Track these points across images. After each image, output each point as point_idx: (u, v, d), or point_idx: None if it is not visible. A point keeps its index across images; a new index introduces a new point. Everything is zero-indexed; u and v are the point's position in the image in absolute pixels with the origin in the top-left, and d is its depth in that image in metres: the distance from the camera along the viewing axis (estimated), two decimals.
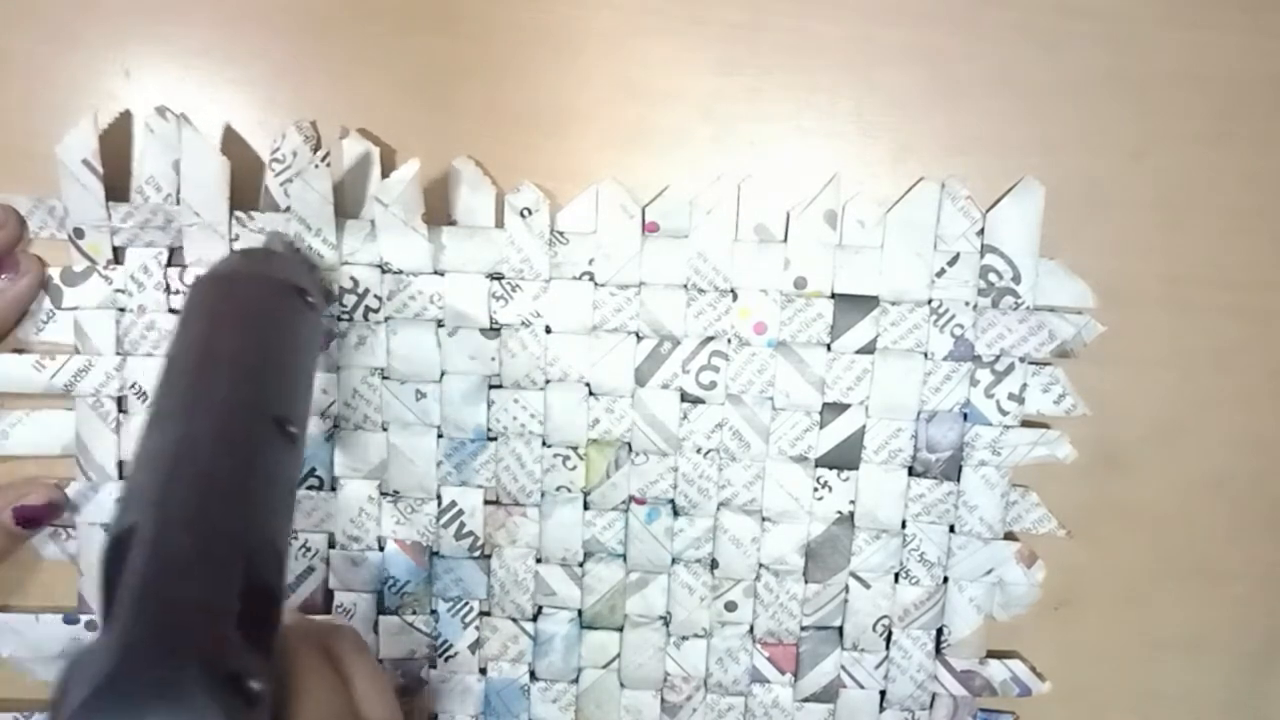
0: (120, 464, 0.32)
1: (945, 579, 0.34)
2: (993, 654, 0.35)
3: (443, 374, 0.32)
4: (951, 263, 0.32)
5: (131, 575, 0.18)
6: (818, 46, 0.32)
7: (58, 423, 0.32)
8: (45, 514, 0.31)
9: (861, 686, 0.35)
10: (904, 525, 0.34)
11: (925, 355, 0.33)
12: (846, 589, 0.34)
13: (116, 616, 0.18)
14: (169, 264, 0.31)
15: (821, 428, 0.33)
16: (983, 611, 0.34)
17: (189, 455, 0.21)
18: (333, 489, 0.33)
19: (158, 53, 0.32)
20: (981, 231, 0.32)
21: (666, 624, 0.34)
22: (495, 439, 0.33)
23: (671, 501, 0.33)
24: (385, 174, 0.31)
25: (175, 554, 0.19)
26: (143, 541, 0.18)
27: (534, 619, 0.34)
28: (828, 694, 0.35)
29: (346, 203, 0.32)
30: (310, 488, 0.33)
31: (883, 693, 0.35)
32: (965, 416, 0.33)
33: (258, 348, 0.24)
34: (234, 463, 0.21)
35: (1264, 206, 0.34)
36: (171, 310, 0.32)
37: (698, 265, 0.32)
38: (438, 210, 0.32)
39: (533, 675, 0.34)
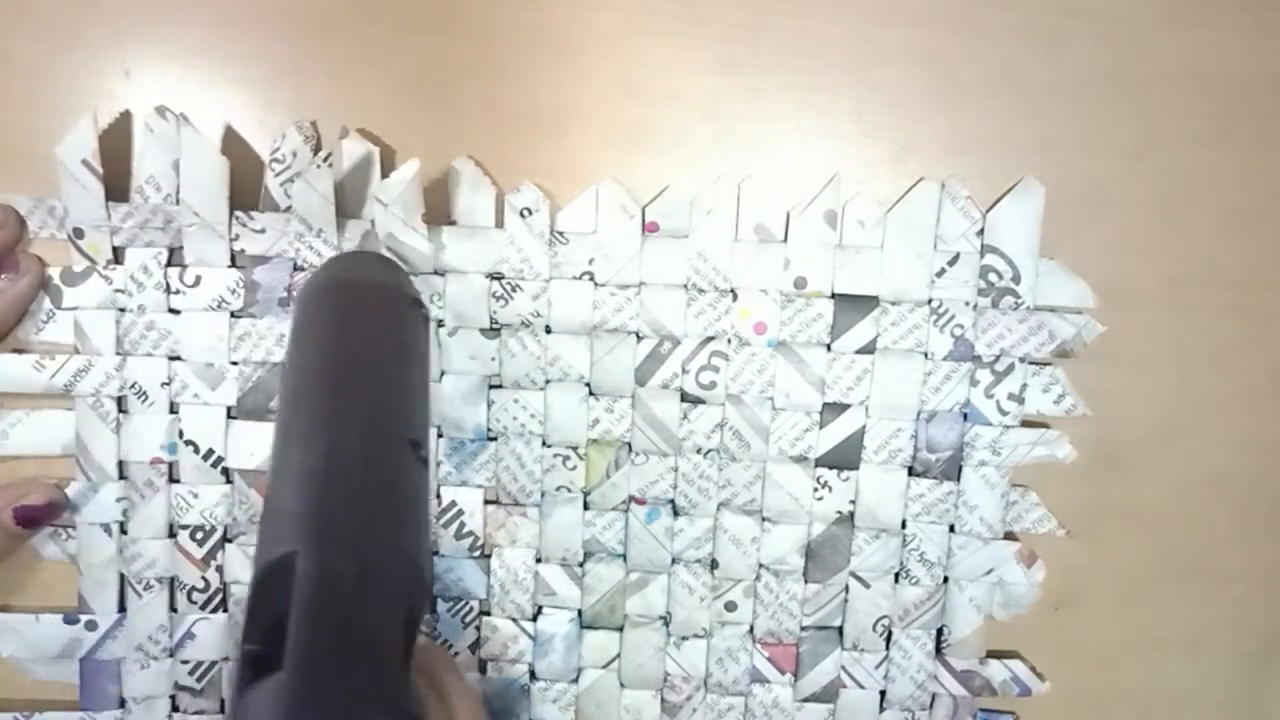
0: (120, 464, 0.32)
1: (945, 579, 0.34)
2: (993, 654, 0.35)
3: (443, 374, 0.32)
4: (951, 263, 0.32)
5: (302, 609, 0.17)
6: (818, 46, 0.32)
7: (58, 423, 0.32)
8: (45, 514, 0.31)
9: (861, 686, 0.35)
10: (904, 525, 0.34)
11: (925, 355, 0.33)
12: (846, 589, 0.34)
13: (292, 653, 0.17)
14: (169, 264, 0.31)
15: (821, 428, 0.33)
16: (983, 611, 0.34)
17: (340, 477, 0.20)
18: None
19: (158, 53, 0.31)
20: (981, 231, 0.32)
21: (666, 624, 0.34)
22: (495, 439, 0.33)
23: (671, 501, 0.33)
24: (385, 174, 0.31)
25: (343, 587, 0.18)
26: (308, 573, 0.18)
27: (534, 619, 0.34)
28: (828, 694, 0.35)
29: (347, 203, 0.32)
30: None
31: (883, 693, 0.35)
32: (965, 416, 0.33)
33: (392, 364, 0.23)
34: (384, 486, 0.20)
35: (1264, 206, 0.34)
36: (172, 310, 0.32)
37: (698, 265, 0.32)
38: (438, 210, 0.32)
39: (533, 675, 0.34)
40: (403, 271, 0.26)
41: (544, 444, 0.33)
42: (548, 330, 0.32)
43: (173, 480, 0.32)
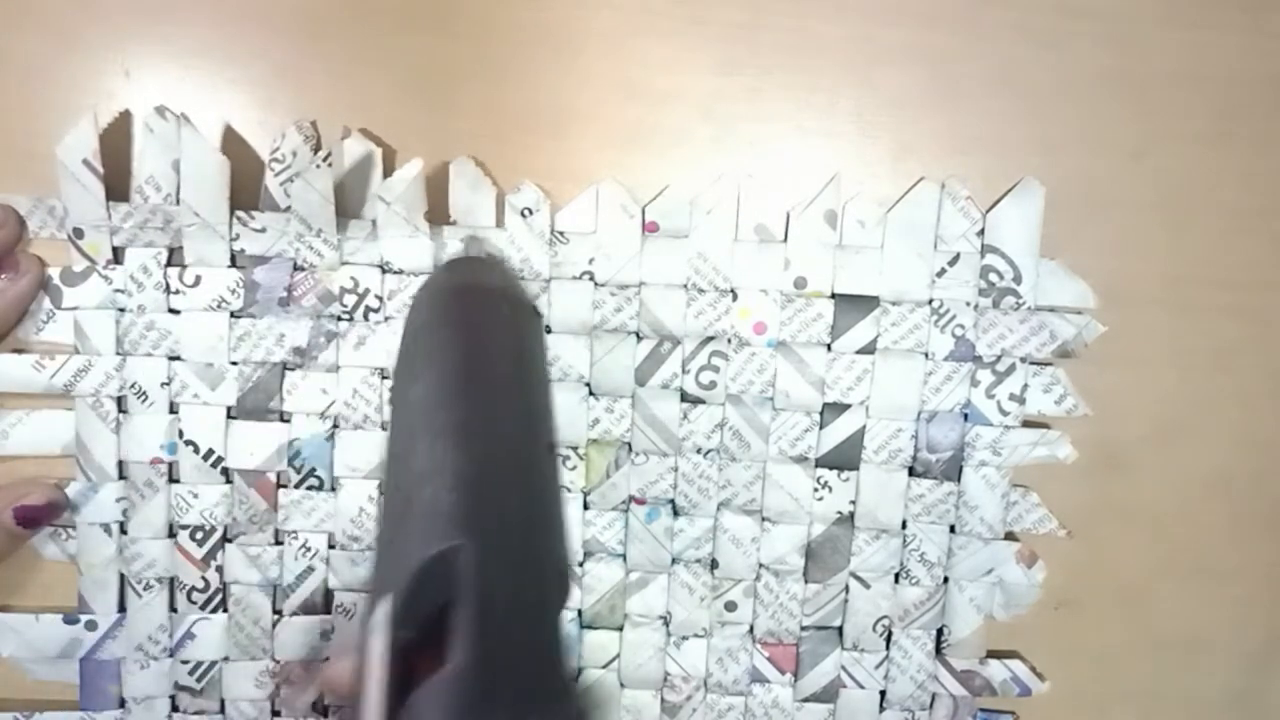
0: (120, 464, 0.32)
1: (945, 579, 0.34)
2: (993, 654, 0.35)
3: None
4: (952, 263, 0.32)
5: (474, 605, 0.17)
6: (818, 46, 0.32)
7: (57, 423, 0.32)
8: (45, 514, 0.31)
9: (861, 686, 0.35)
10: (904, 525, 0.34)
11: (926, 355, 0.33)
12: (846, 589, 0.34)
13: (467, 649, 0.17)
14: (169, 264, 0.31)
15: (821, 428, 0.33)
16: (983, 611, 0.34)
17: (500, 479, 0.20)
18: (333, 489, 0.33)
19: (158, 53, 0.31)
20: (982, 232, 0.32)
21: (666, 624, 0.34)
22: None
23: (671, 501, 0.33)
24: (386, 174, 0.31)
25: (512, 584, 0.18)
26: (479, 569, 0.18)
27: None
28: (828, 694, 0.35)
29: (347, 203, 0.32)
30: (310, 488, 0.33)
31: (883, 693, 0.35)
32: (966, 417, 0.33)
33: (528, 369, 0.23)
34: (537, 488, 0.21)
35: (1264, 206, 0.34)
36: (172, 310, 0.32)
37: (698, 265, 0.32)
38: (438, 210, 0.32)
39: None
40: (520, 278, 0.26)
41: None
42: (548, 330, 0.32)
43: (173, 480, 0.32)
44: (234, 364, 0.32)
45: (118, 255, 0.31)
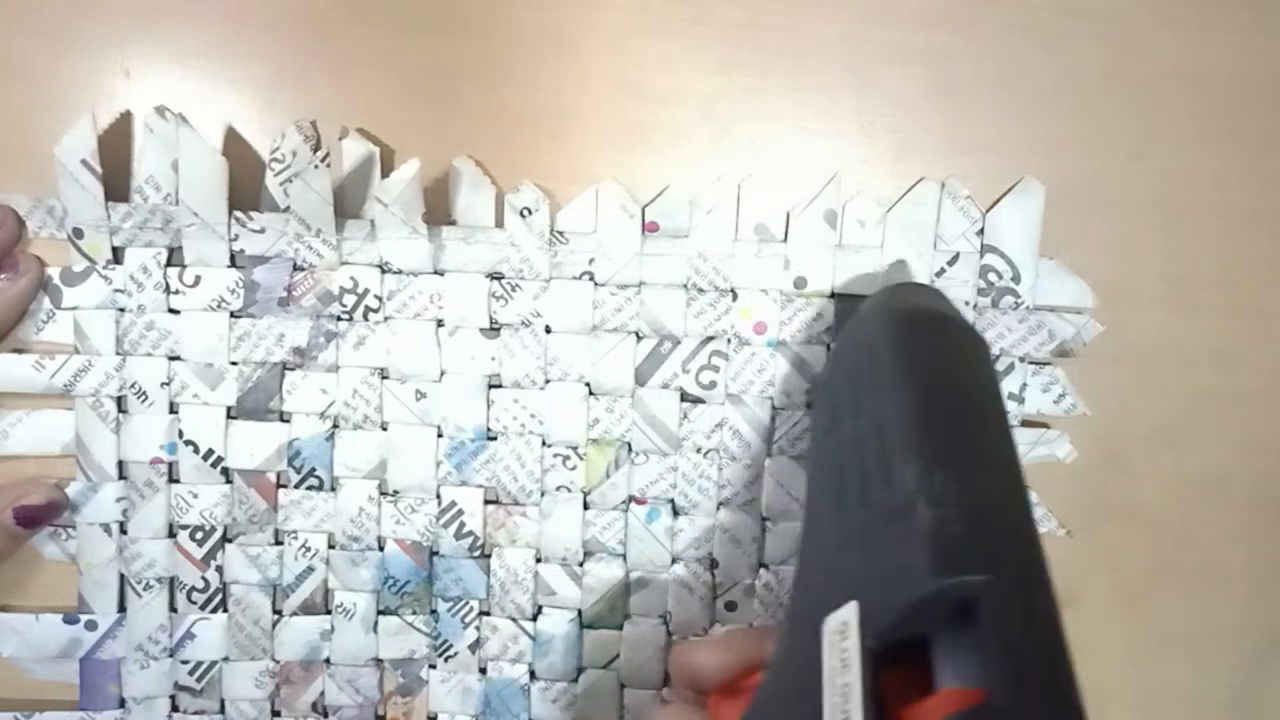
0: (120, 464, 0.32)
1: None
2: None
3: (443, 374, 0.32)
4: (951, 262, 0.32)
5: (1009, 640, 0.18)
6: (817, 46, 0.32)
7: (57, 423, 0.32)
8: (45, 514, 0.31)
9: None
10: None
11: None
12: None
13: (997, 686, 0.17)
14: (168, 264, 0.31)
15: None
16: None
17: (1004, 512, 0.20)
18: (333, 489, 0.33)
19: (158, 53, 0.31)
20: (981, 231, 0.32)
21: (666, 624, 0.34)
22: (495, 439, 0.33)
23: (671, 501, 0.33)
24: (385, 174, 0.31)
25: (1035, 623, 0.19)
26: (1004, 604, 0.18)
27: (534, 619, 0.34)
28: None
29: (347, 203, 0.32)
30: (310, 488, 0.33)
31: None
32: None
33: (998, 400, 0.24)
34: (1031, 521, 0.21)
35: (1264, 206, 0.34)
36: (171, 310, 0.32)
37: (698, 265, 0.32)
38: (438, 210, 0.32)
39: (533, 675, 0.34)
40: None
41: (544, 444, 0.33)
42: (548, 330, 0.32)
43: (172, 480, 0.32)
44: (234, 364, 0.32)
45: (117, 255, 0.31)
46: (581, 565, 0.34)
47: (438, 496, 0.33)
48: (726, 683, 0.26)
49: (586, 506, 0.33)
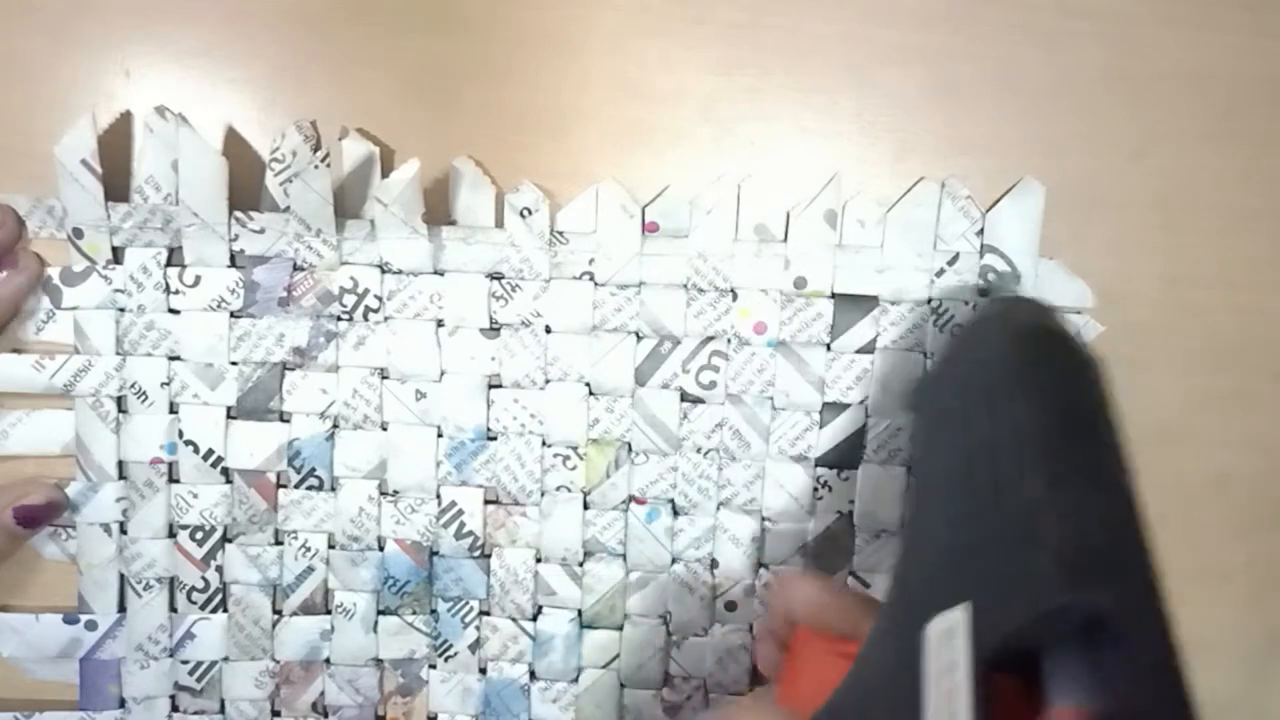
0: (120, 464, 0.32)
1: None
2: None
3: (443, 374, 0.32)
4: (951, 262, 0.32)
5: (1131, 661, 0.19)
6: (817, 46, 0.32)
7: (57, 423, 0.32)
8: (45, 514, 0.31)
9: None
10: (904, 525, 0.34)
11: (925, 355, 0.33)
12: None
13: (1123, 707, 0.18)
14: (168, 264, 0.31)
15: (821, 427, 0.33)
16: None
17: (1132, 531, 0.20)
18: (333, 489, 0.33)
19: (158, 53, 0.31)
20: (981, 231, 0.32)
21: (666, 624, 0.34)
22: (495, 439, 0.33)
23: (671, 501, 0.33)
24: (385, 174, 0.31)
25: (1164, 642, 0.20)
26: (1136, 622, 0.19)
27: (534, 619, 0.34)
28: None
29: (347, 203, 0.32)
30: (310, 488, 0.33)
31: None
32: None
33: (1118, 418, 0.24)
34: (1152, 541, 0.21)
35: (1264, 206, 0.34)
36: (171, 310, 0.32)
37: (698, 265, 0.32)
38: (438, 210, 0.32)
39: (533, 675, 0.34)
40: None
41: (544, 444, 0.33)
42: (548, 330, 0.32)
43: (172, 480, 0.32)
44: (234, 364, 0.32)
45: (117, 255, 0.31)
46: (581, 565, 0.34)
47: (438, 496, 0.33)
48: (820, 624, 0.26)
49: (586, 506, 0.33)
